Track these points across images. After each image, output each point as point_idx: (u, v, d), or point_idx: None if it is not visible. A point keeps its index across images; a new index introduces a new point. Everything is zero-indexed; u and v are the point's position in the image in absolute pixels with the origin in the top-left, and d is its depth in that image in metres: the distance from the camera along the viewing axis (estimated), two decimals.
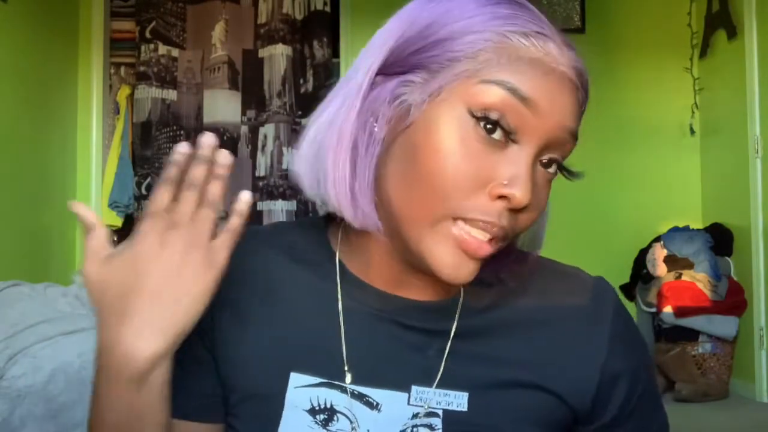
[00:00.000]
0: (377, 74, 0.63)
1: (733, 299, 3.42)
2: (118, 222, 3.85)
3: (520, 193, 0.58)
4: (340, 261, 0.70)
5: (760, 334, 3.35)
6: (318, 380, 0.68)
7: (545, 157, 0.62)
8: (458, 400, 0.67)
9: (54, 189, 3.61)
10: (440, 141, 0.59)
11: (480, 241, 0.60)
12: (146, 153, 3.78)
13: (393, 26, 0.64)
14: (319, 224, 0.74)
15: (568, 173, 0.66)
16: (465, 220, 0.60)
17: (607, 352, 0.69)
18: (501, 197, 0.59)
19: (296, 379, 0.68)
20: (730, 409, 3.23)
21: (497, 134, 0.59)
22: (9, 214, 3.13)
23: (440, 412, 0.67)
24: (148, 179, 3.77)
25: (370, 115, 0.63)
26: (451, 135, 0.59)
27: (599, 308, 0.71)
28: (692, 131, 3.99)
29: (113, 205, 3.80)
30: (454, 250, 0.60)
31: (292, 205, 3.81)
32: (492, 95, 0.59)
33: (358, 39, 3.81)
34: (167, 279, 0.59)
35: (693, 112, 3.99)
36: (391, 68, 0.63)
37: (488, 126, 0.59)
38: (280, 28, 3.83)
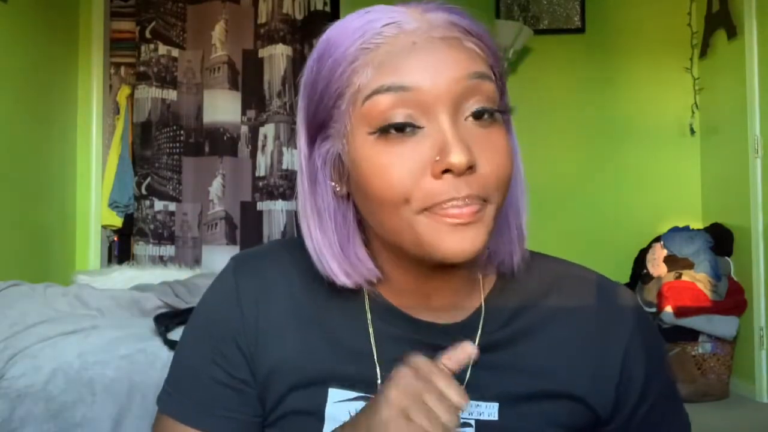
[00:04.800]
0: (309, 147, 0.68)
1: (733, 299, 3.41)
2: (118, 222, 3.85)
3: (454, 157, 0.59)
4: (369, 285, 0.73)
5: (760, 334, 3.35)
6: (355, 394, 0.70)
7: (468, 111, 0.62)
8: (489, 411, 0.69)
9: (54, 189, 3.61)
10: (368, 166, 0.62)
11: (459, 206, 0.61)
12: (146, 153, 3.78)
13: (299, 104, 0.69)
14: None
15: (502, 112, 0.65)
16: (433, 211, 0.61)
17: (624, 355, 0.71)
18: (444, 172, 0.60)
19: (335, 394, 0.70)
20: (730, 409, 3.23)
21: (407, 129, 0.61)
22: (9, 214, 3.13)
23: (473, 422, 0.69)
24: (148, 179, 3.77)
25: (321, 185, 0.68)
26: (371, 156, 0.62)
27: (618, 313, 0.72)
28: (692, 131, 3.99)
29: (113, 205, 3.80)
30: (446, 227, 0.61)
31: (292, 205, 3.80)
32: (377, 105, 0.61)
33: None
34: None
35: (693, 112, 3.98)
36: (314, 137, 0.68)
37: (394, 129, 0.61)
38: (280, 28, 3.83)
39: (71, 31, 3.81)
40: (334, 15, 3.89)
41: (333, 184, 0.68)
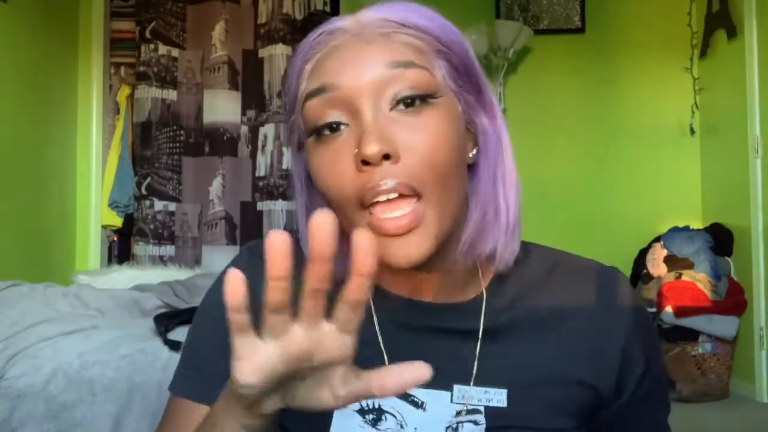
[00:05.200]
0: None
1: (733, 299, 3.41)
2: (118, 222, 3.85)
3: (366, 148, 0.60)
4: None
5: (760, 334, 3.35)
6: None
7: (393, 101, 0.63)
8: (498, 397, 0.69)
9: (54, 189, 3.61)
10: (314, 168, 0.66)
11: (392, 218, 0.61)
12: (146, 153, 3.78)
13: None
14: None
15: (430, 96, 0.64)
16: (366, 205, 0.62)
17: (626, 338, 0.72)
18: (365, 164, 0.61)
19: None
20: (730, 409, 3.23)
21: (341, 127, 0.63)
22: (9, 214, 3.13)
23: (482, 409, 0.69)
24: (148, 179, 3.77)
25: (306, 189, 0.72)
26: (313, 158, 0.66)
27: (619, 298, 0.73)
28: (692, 131, 3.99)
29: (113, 205, 3.80)
30: (382, 241, 0.62)
31: (292, 205, 3.78)
32: (309, 110, 0.65)
33: None
34: None
35: (693, 112, 3.99)
36: (295, 146, 0.72)
37: (327, 131, 0.64)
38: (280, 28, 3.83)
39: (71, 31, 3.81)
40: (334, 15, 3.88)
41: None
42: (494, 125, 0.70)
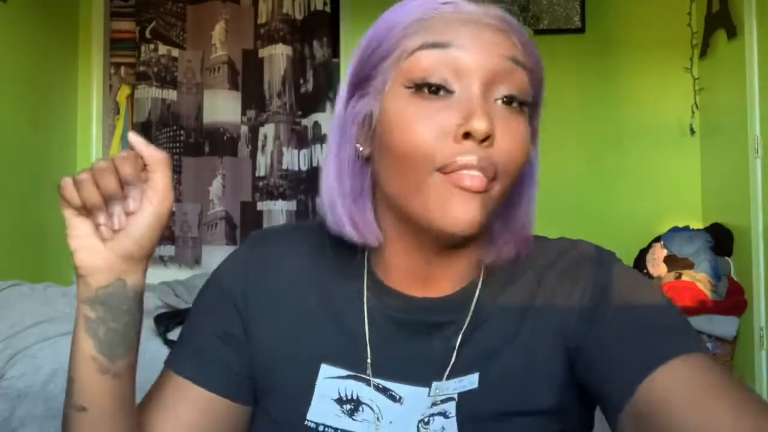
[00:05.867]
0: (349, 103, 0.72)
1: (733, 299, 3.41)
2: None
3: (477, 123, 0.62)
4: (368, 263, 0.75)
5: (760, 334, 3.35)
6: (346, 372, 0.72)
7: (499, 94, 0.65)
8: (470, 380, 0.70)
9: (54, 189, 3.60)
10: (398, 118, 0.65)
11: (472, 175, 0.63)
12: None
13: (348, 67, 0.73)
14: None
15: (530, 104, 0.68)
16: (446, 171, 0.63)
17: (581, 297, 0.69)
18: (465, 136, 0.63)
19: (326, 370, 0.72)
20: None
21: (440, 91, 0.64)
22: (9, 214, 3.13)
23: (455, 396, 0.69)
24: None
25: (347, 140, 0.71)
26: (402, 112, 0.65)
27: (580, 265, 0.72)
28: (692, 131, 3.99)
29: None
30: (452, 193, 0.63)
31: (292, 205, 3.80)
32: (419, 61, 0.65)
33: (358, 39, 3.78)
34: None
35: (693, 112, 3.98)
36: (352, 94, 0.71)
37: (429, 88, 0.64)
38: (280, 28, 3.83)
39: (71, 31, 3.81)
40: (334, 15, 3.89)
41: (357, 145, 0.71)
42: (535, 142, 0.72)
